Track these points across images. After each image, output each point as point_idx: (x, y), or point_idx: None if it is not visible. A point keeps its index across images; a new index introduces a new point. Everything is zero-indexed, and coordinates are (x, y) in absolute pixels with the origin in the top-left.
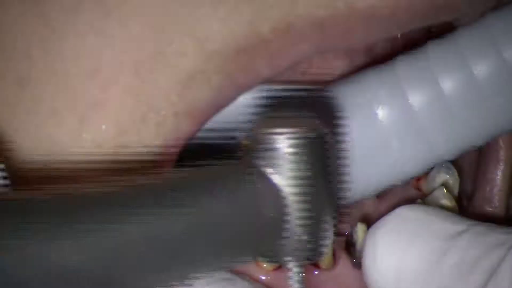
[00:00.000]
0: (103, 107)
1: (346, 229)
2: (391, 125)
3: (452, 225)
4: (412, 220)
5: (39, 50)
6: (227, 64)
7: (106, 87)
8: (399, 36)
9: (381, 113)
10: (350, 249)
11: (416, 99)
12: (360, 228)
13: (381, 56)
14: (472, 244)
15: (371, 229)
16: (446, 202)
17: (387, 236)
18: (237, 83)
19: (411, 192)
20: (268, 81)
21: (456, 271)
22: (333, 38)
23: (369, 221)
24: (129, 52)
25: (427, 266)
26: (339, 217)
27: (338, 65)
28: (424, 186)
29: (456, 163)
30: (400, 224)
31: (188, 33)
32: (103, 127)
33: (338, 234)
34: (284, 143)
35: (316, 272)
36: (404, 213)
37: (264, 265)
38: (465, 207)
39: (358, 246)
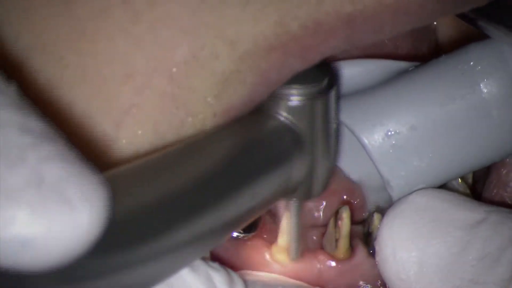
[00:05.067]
0: (139, 112)
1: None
2: (492, 94)
3: (470, 213)
4: (428, 209)
5: (70, 52)
6: (259, 62)
7: (140, 92)
8: None
9: (483, 82)
10: (367, 239)
11: None
12: (376, 217)
13: None
14: (493, 234)
15: (386, 219)
16: (460, 190)
17: (405, 228)
18: (270, 80)
19: None
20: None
21: (480, 263)
22: (362, 32)
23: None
24: (161, 56)
25: (450, 258)
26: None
27: None
28: None
29: None
30: (416, 213)
31: (219, 35)
32: (140, 132)
33: (354, 223)
34: (293, 95)
35: (333, 263)
36: (418, 200)
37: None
38: (479, 191)
39: (375, 236)
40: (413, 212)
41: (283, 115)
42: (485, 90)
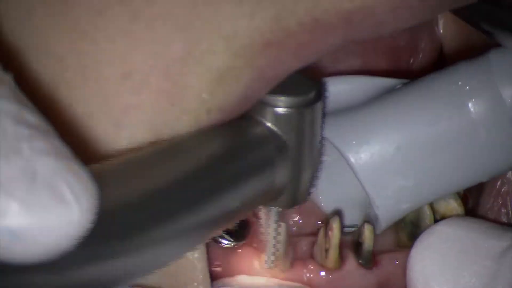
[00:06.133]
0: (137, 110)
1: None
2: (480, 114)
3: (497, 241)
4: (456, 239)
5: (70, 53)
6: (255, 59)
7: (138, 91)
8: None
9: (471, 101)
10: (357, 249)
11: (509, 93)
12: (367, 228)
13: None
14: None
15: (415, 252)
16: (452, 202)
17: (435, 261)
18: (266, 77)
19: None
20: None
21: None
22: (361, 29)
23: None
24: (159, 54)
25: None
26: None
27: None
28: None
29: None
30: (444, 245)
31: (215, 31)
32: (138, 130)
33: (344, 234)
34: (280, 104)
35: (323, 273)
36: (445, 230)
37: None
38: (472, 205)
39: (365, 246)
40: (442, 243)
41: (269, 122)
42: (473, 110)
